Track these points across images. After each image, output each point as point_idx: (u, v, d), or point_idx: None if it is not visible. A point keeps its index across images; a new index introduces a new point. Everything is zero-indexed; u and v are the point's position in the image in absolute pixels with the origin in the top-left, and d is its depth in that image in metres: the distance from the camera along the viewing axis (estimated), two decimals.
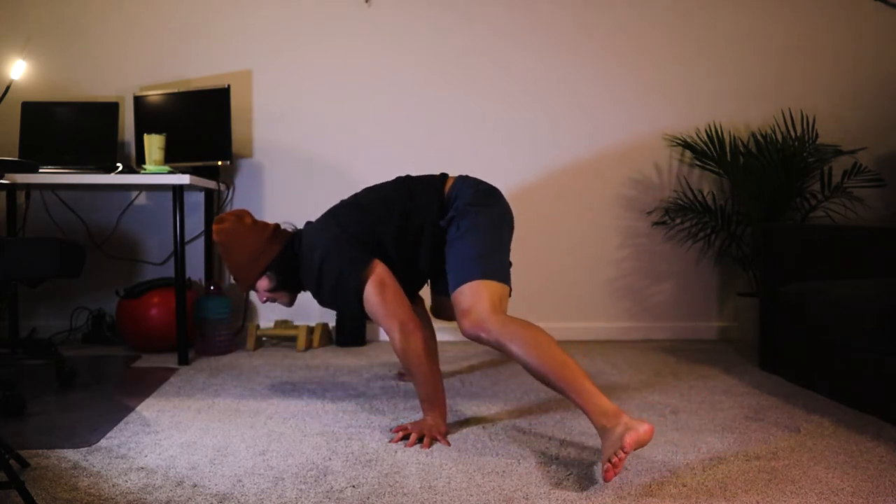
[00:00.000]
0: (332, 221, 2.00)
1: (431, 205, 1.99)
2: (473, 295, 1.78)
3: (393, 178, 2.16)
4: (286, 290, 2.09)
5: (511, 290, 1.89)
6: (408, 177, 2.13)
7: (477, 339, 1.75)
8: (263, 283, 2.07)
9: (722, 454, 1.69)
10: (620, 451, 1.43)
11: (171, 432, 1.85)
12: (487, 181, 2.10)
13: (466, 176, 2.09)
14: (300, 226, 2.24)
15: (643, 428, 1.48)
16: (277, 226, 2.11)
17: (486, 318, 1.73)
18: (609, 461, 1.44)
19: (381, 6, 3.32)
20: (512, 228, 2.05)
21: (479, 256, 1.85)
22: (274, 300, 2.12)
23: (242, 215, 2.09)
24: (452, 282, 1.85)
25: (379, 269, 1.91)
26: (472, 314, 1.75)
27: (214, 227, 2.05)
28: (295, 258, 2.04)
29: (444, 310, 2.29)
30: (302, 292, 2.14)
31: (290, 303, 2.15)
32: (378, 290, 1.88)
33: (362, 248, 1.94)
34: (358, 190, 2.20)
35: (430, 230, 1.98)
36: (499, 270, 1.86)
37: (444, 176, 2.10)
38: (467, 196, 1.99)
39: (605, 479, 1.45)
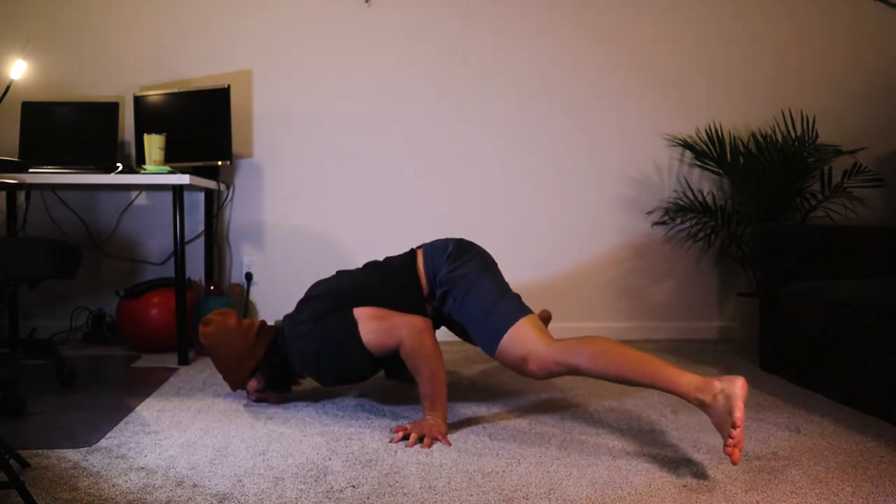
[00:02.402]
0: (306, 312, 1.98)
1: (409, 289, 2.02)
2: (517, 343, 1.83)
3: (362, 265, 2.19)
4: (274, 389, 2.11)
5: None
6: (376, 261, 2.14)
7: (550, 377, 1.81)
8: (252, 384, 2.09)
9: (722, 454, 1.69)
10: (735, 430, 1.47)
11: (171, 432, 1.85)
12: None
13: (431, 244, 2.11)
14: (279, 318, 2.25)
15: (738, 387, 1.53)
16: (263, 323, 2.11)
17: (545, 355, 1.78)
18: (729, 444, 1.48)
19: (381, 6, 3.32)
20: (496, 266, 2.08)
21: (492, 312, 1.89)
22: (264, 400, 2.14)
23: (227, 315, 2.09)
24: (487, 347, 1.90)
25: (362, 311, 1.92)
26: (531, 360, 1.80)
27: (201, 329, 2.06)
28: (282, 357, 2.04)
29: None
30: (294, 386, 2.15)
31: (279, 401, 2.16)
32: (374, 322, 1.90)
33: (340, 310, 1.94)
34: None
35: (409, 308, 1.99)
36: (515, 309, 1.91)
37: (412, 254, 2.11)
38: (443, 262, 2.02)
39: (734, 462, 1.50)
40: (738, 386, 1.53)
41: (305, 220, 3.32)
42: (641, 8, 3.35)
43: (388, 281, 2.03)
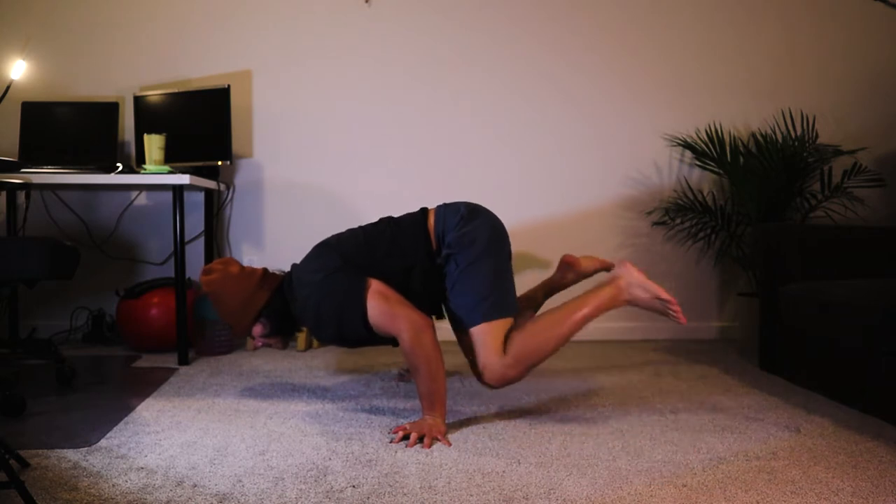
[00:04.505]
0: (317, 262, 1.98)
1: (419, 248, 2.03)
2: (481, 347, 1.91)
3: (376, 219, 2.19)
4: (280, 334, 2.11)
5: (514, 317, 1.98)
6: (390, 218, 2.14)
7: (506, 386, 1.95)
8: (257, 329, 2.08)
9: (722, 454, 1.69)
10: (669, 300, 1.94)
11: (171, 432, 1.85)
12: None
13: (446, 204, 2.11)
14: (286, 268, 2.25)
15: (632, 271, 1.98)
16: (265, 270, 2.11)
17: (498, 368, 1.89)
18: (673, 313, 1.95)
19: (381, 6, 3.32)
20: (506, 242, 2.09)
21: (480, 300, 1.93)
22: (269, 345, 2.14)
23: (229, 263, 2.09)
24: (460, 323, 1.99)
25: (375, 284, 1.91)
26: (487, 371, 1.91)
27: (202, 278, 2.05)
28: (286, 302, 2.04)
29: (464, 347, 2.14)
30: (297, 332, 2.16)
31: (284, 346, 2.16)
32: (380, 301, 1.88)
33: (354, 275, 1.93)
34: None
35: (420, 274, 2.01)
36: (500, 306, 1.95)
37: (424, 212, 2.12)
38: (452, 227, 2.02)
39: (684, 322, 1.98)
40: (631, 271, 1.96)
41: (305, 219, 3.32)
42: (641, 8, 3.35)
43: (397, 241, 2.04)
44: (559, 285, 2.46)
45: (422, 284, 2.02)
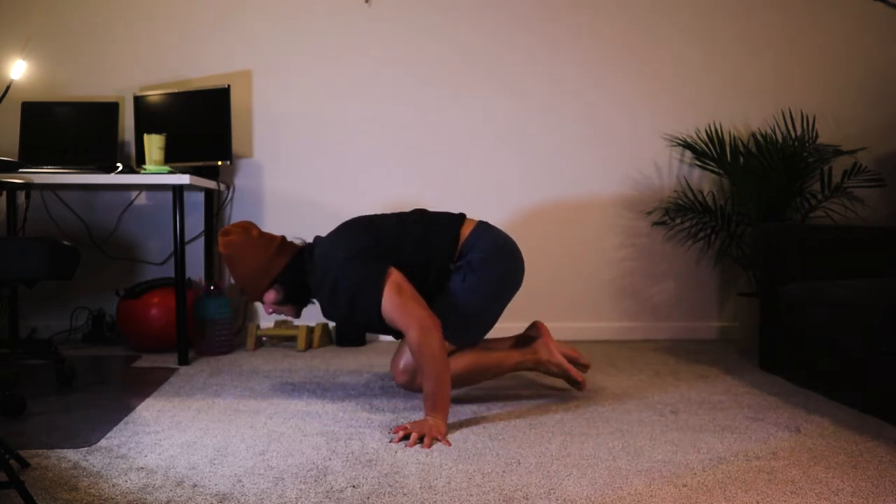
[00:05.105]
0: (345, 239, 2.00)
1: (444, 248, 2.06)
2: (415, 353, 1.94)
3: (410, 209, 2.21)
4: (293, 302, 2.10)
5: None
6: (426, 212, 2.16)
7: (408, 389, 2.14)
8: (270, 296, 2.07)
9: (722, 454, 1.69)
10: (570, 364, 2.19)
11: (171, 432, 1.85)
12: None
13: (486, 225, 2.14)
14: (309, 239, 2.25)
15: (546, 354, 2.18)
16: (284, 238, 2.11)
17: (412, 377, 2.07)
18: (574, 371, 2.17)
19: (381, 6, 3.32)
20: (516, 287, 2.15)
21: (452, 321, 1.97)
22: (280, 312, 2.13)
23: (249, 227, 2.08)
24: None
25: (395, 275, 1.93)
26: (404, 371, 2.08)
27: (221, 239, 2.05)
28: (302, 272, 2.04)
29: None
30: (309, 303, 2.16)
31: (297, 315, 2.15)
32: (395, 293, 1.89)
33: (377, 261, 1.95)
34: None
35: (436, 270, 2.05)
36: (461, 337, 2.05)
37: (462, 217, 2.14)
38: (483, 250, 2.05)
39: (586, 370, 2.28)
40: (552, 352, 2.18)
41: (305, 219, 3.32)
42: (642, 8, 3.35)
43: (427, 236, 2.06)
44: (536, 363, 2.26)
45: (436, 282, 2.05)
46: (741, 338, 3.10)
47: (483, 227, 2.12)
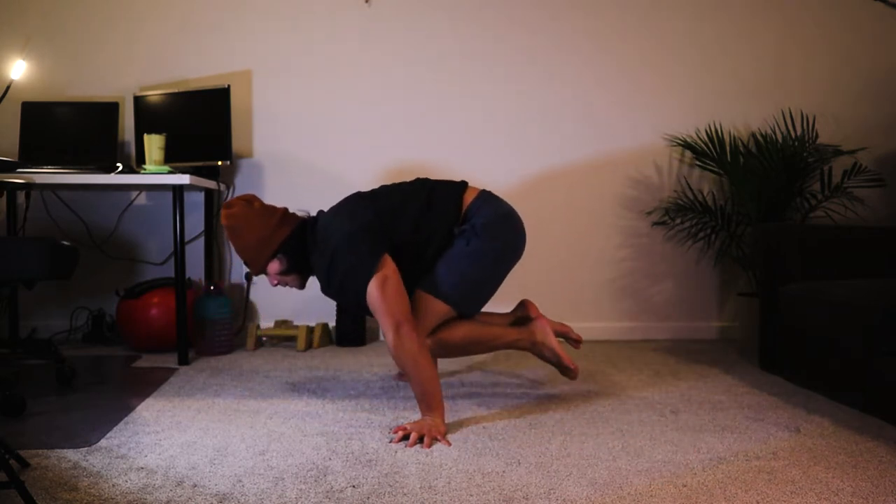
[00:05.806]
0: (346, 213, 2.00)
1: (448, 214, 2.06)
2: (417, 313, 1.96)
3: (412, 179, 2.20)
4: (297, 273, 2.09)
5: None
6: (427, 180, 2.15)
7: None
8: (274, 266, 2.06)
9: (722, 454, 1.69)
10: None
11: (171, 432, 1.85)
12: (494, 186, 2.13)
13: (489, 194, 2.14)
14: (313, 213, 2.25)
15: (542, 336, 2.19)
16: (286, 210, 2.11)
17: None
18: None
19: (381, 6, 3.32)
20: (517, 257, 2.14)
21: (459, 284, 1.99)
22: (285, 283, 2.11)
23: (251, 199, 2.08)
24: (423, 281, 2.02)
25: (385, 268, 1.92)
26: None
27: (223, 211, 2.05)
28: (304, 242, 2.04)
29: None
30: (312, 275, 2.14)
31: (302, 285, 2.13)
32: (379, 286, 1.89)
33: (375, 242, 1.94)
34: (357, 188, 2.21)
35: (439, 237, 2.04)
36: (465, 303, 2.05)
37: (464, 185, 2.14)
38: (486, 216, 2.05)
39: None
40: (548, 335, 2.20)
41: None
42: (641, 9, 3.35)
43: (431, 208, 2.05)
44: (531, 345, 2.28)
45: (434, 255, 2.05)
46: (741, 338, 3.10)
47: (486, 194, 2.12)
